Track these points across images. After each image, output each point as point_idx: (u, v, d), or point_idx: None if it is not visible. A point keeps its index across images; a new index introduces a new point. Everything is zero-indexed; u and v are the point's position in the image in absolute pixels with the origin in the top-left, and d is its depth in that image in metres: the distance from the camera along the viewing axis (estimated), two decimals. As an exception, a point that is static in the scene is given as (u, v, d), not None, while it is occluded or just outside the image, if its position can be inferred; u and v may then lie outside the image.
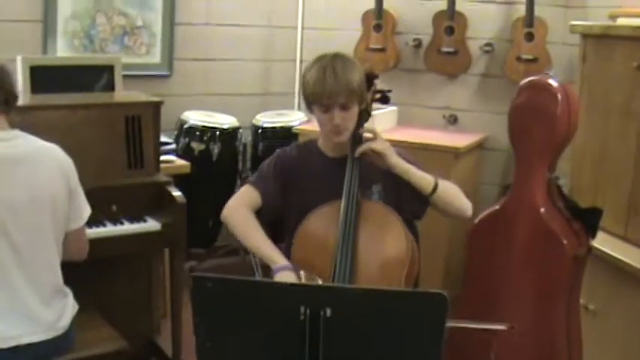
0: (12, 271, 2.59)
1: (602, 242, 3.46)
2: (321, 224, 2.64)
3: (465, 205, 2.83)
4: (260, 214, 2.81)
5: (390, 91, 2.94)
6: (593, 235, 3.22)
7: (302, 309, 1.77)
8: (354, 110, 2.69)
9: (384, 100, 2.92)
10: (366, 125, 2.78)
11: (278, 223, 2.89)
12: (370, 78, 2.82)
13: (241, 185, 4.97)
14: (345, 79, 2.62)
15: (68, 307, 2.78)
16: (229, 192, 4.99)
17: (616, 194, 3.66)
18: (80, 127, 3.30)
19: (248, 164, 5.02)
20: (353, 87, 2.64)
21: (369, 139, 2.70)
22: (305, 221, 2.66)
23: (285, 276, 2.53)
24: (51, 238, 2.70)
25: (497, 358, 3.22)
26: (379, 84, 2.90)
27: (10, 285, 2.59)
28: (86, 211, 2.83)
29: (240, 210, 2.78)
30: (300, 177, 2.79)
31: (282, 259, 2.63)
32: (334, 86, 2.61)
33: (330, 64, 2.64)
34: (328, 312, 1.77)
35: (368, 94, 2.81)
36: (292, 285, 1.85)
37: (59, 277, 2.75)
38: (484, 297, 3.29)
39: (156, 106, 3.58)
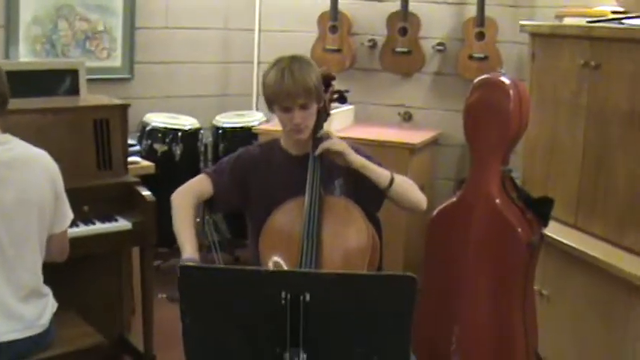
0: (-8, 269, 2.67)
1: (553, 230, 3.63)
2: (286, 219, 2.75)
3: (420, 198, 2.96)
4: (211, 204, 2.93)
5: (347, 91, 3.08)
6: (546, 224, 3.38)
7: (283, 294, 1.90)
8: (313, 109, 2.82)
9: (342, 99, 3.07)
10: (323, 129, 2.90)
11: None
12: (327, 79, 2.97)
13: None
14: (302, 81, 2.75)
15: (48, 305, 2.86)
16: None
17: (566, 185, 3.84)
18: (50, 130, 3.38)
19: (209, 164, 5.11)
20: (310, 88, 2.77)
21: (326, 139, 2.83)
22: (271, 217, 2.77)
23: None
24: (35, 240, 2.78)
25: (458, 343, 3.40)
26: (336, 85, 3.05)
27: None
28: (69, 215, 2.93)
29: (184, 196, 2.87)
30: (262, 175, 2.90)
31: (192, 249, 2.71)
32: (292, 87, 2.74)
33: (288, 66, 2.76)
34: (307, 296, 1.90)
35: (326, 94, 2.95)
36: (274, 272, 1.96)
37: (40, 278, 2.83)
38: (444, 285, 3.42)
39: (123, 109, 3.68)
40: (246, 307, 1.93)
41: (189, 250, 2.71)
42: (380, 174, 2.86)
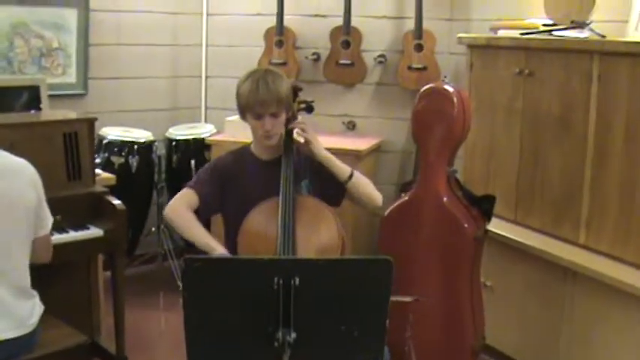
0: (-13, 271, 2.85)
1: (496, 226, 3.95)
2: (261, 219, 2.97)
3: (376, 195, 3.21)
4: (197, 213, 3.12)
5: (312, 101, 3.33)
6: (489, 219, 3.68)
7: (275, 279, 2.13)
8: (282, 117, 3.07)
9: (309, 109, 3.32)
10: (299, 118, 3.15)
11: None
12: (295, 90, 3.23)
13: (158, 195, 5.29)
14: (275, 91, 3.00)
15: (36, 306, 3.05)
16: (147, 202, 5.30)
17: (505, 183, 4.16)
18: (21, 143, 3.48)
19: (163, 176, 5.29)
20: (282, 97, 3.03)
21: (304, 129, 3.07)
22: (247, 218, 2.99)
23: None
24: (24, 243, 2.97)
25: (412, 328, 3.66)
26: (302, 96, 3.31)
27: None
28: (50, 219, 3.12)
29: (181, 209, 3.09)
30: (237, 180, 3.13)
31: (221, 247, 2.93)
32: (266, 96, 2.99)
33: (262, 77, 3.02)
34: (297, 280, 2.13)
35: (294, 104, 3.21)
36: (267, 260, 2.19)
37: (28, 278, 3.01)
38: (398, 275, 3.64)
39: (90, 123, 3.86)
40: (242, 292, 2.15)
41: (218, 248, 2.91)
42: (341, 167, 3.13)
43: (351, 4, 5.16)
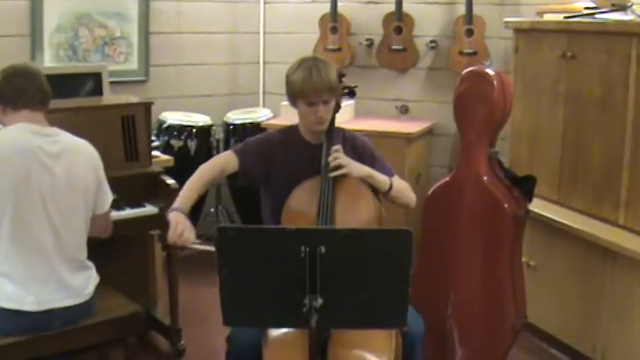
0: (49, 247, 3.07)
1: (539, 207, 4.02)
2: (305, 195, 3.11)
3: (411, 199, 3.34)
4: (236, 177, 3.26)
5: (356, 86, 3.47)
6: (530, 199, 3.73)
7: (302, 248, 2.27)
8: (332, 103, 3.19)
9: (351, 94, 3.45)
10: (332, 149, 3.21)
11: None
12: (340, 76, 3.35)
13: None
14: (327, 78, 3.11)
15: (92, 277, 3.26)
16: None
17: (549, 165, 4.22)
18: (83, 126, 3.68)
19: (222, 158, 5.48)
20: (333, 85, 3.15)
21: (336, 158, 3.14)
22: (291, 195, 3.13)
23: (174, 215, 2.98)
24: (81, 219, 3.19)
25: (453, 308, 3.76)
26: (350, 81, 3.44)
27: (48, 259, 3.07)
28: (110, 197, 3.32)
29: (209, 166, 3.25)
30: (284, 158, 3.25)
31: (179, 204, 3.06)
32: (320, 84, 3.09)
33: (314, 65, 3.12)
34: (323, 249, 2.27)
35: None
36: (294, 229, 2.33)
37: (85, 252, 3.23)
38: (439, 256, 3.77)
39: (147, 107, 4.06)
40: (272, 260, 2.30)
41: (175, 204, 3.05)
42: (380, 182, 3.22)
43: (403, -10, 5.25)
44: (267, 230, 2.51)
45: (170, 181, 3.93)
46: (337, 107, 3.31)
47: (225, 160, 3.26)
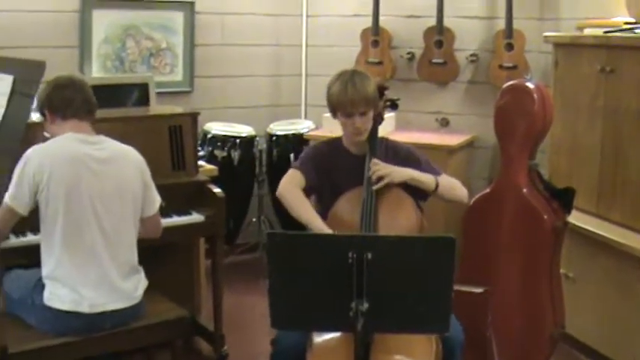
0: (101, 250, 3.19)
1: (577, 219, 4.06)
2: (348, 205, 3.22)
3: (462, 194, 3.45)
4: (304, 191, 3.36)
5: (398, 99, 3.57)
6: (569, 211, 3.77)
7: (350, 254, 2.35)
8: (370, 115, 3.29)
9: (394, 106, 3.55)
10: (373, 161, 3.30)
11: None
12: (382, 89, 3.46)
13: (259, 188, 5.59)
14: (363, 91, 3.22)
15: (141, 281, 3.37)
16: (248, 194, 5.61)
17: (587, 177, 4.25)
18: (131, 135, 3.75)
19: (264, 169, 5.59)
20: (369, 97, 3.25)
21: (375, 172, 3.23)
22: (336, 203, 3.24)
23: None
24: (131, 223, 3.30)
25: (492, 316, 3.81)
26: (389, 94, 3.53)
27: (99, 262, 3.19)
28: (158, 200, 3.43)
29: (292, 187, 3.32)
30: (331, 168, 3.36)
31: (325, 226, 3.14)
32: (355, 96, 3.21)
33: (350, 78, 3.24)
34: (370, 255, 2.35)
35: (380, 102, 3.43)
36: (343, 236, 2.42)
37: (136, 256, 3.34)
38: (479, 266, 3.82)
39: (193, 117, 4.16)
40: (320, 265, 2.39)
41: (322, 227, 3.12)
42: (426, 182, 3.32)
43: (443, 4, 5.33)
44: (315, 236, 2.61)
45: (216, 189, 4.03)
46: (380, 119, 3.41)
47: (296, 178, 3.35)
